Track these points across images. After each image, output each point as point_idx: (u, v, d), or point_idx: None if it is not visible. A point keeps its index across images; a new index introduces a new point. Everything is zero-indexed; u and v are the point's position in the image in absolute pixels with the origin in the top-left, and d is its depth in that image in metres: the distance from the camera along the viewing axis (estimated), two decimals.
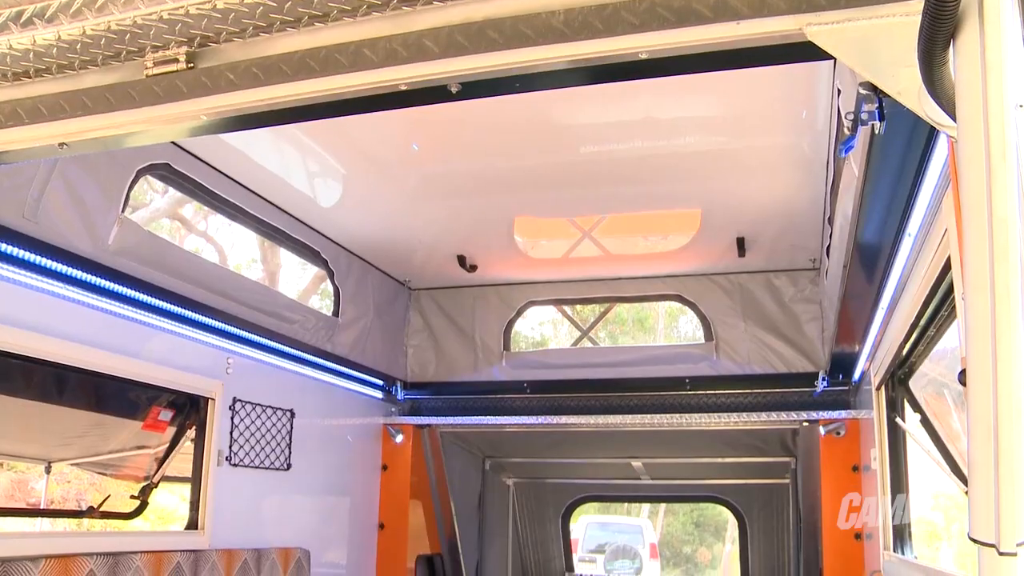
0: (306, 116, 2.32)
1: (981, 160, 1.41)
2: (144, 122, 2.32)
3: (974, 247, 1.41)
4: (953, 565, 5.37)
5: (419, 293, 7.25)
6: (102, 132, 2.37)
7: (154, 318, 4.60)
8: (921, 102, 1.67)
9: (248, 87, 2.18)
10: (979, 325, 1.38)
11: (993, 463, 1.33)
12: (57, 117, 2.30)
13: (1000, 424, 1.34)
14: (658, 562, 16.63)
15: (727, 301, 6.59)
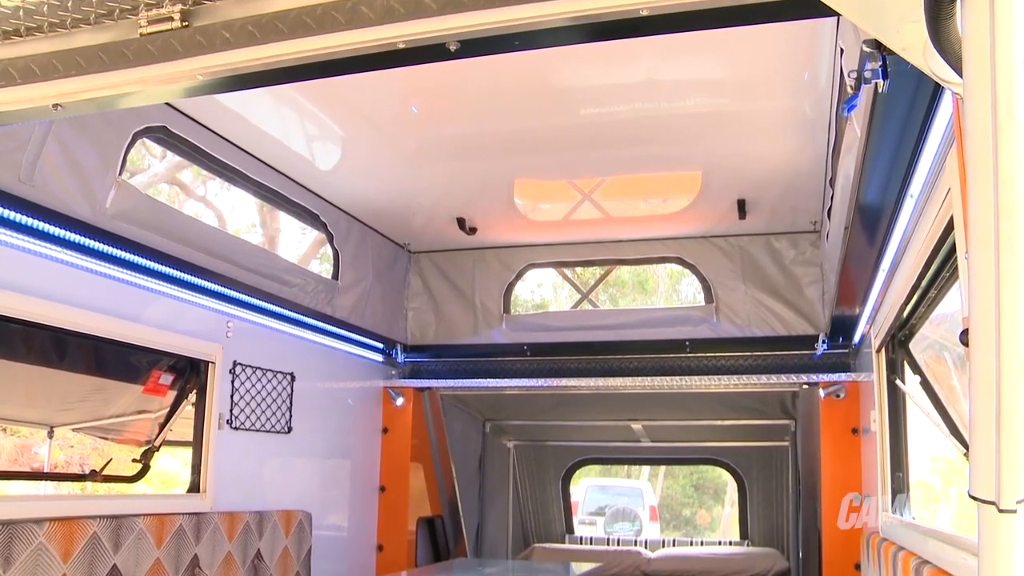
0: (303, 75, 2.29)
1: (987, 116, 1.39)
2: (139, 82, 2.29)
3: (979, 205, 1.39)
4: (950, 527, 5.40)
5: (419, 256, 7.24)
6: (96, 93, 2.34)
7: (153, 282, 4.58)
8: (926, 58, 1.65)
9: (244, 46, 2.15)
10: (982, 283, 1.37)
11: (994, 421, 1.32)
12: (50, 77, 2.27)
13: (1002, 382, 1.33)
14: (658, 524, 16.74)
15: (727, 263, 6.58)
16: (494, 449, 8.75)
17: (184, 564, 4.52)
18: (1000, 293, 1.34)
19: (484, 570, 5.16)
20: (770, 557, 8.24)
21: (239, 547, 4.95)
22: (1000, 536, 1.32)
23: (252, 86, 2.44)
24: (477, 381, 6.84)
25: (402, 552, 6.66)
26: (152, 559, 4.30)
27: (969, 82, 1.44)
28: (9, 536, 3.55)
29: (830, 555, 5.81)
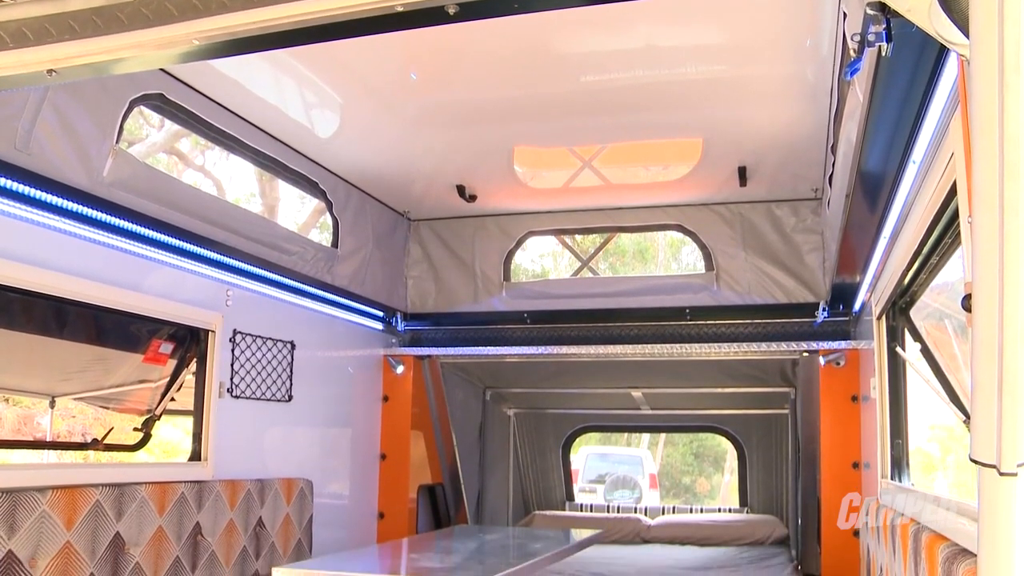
0: (301, 40, 2.26)
1: (994, 76, 1.37)
2: (134, 47, 2.26)
3: (983, 167, 1.38)
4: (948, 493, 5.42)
5: (418, 224, 7.22)
6: (91, 58, 2.31)
7: (152, 251, 4.57)
8: (931, 19, 1.62)
9: (240, 9, 2.12)
10: (986, 246, 1.36)
11: (996, 385, 1.32)
12: (44, 41, 2.24)
13: (1005, 345, 1.32)
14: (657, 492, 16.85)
15: (728, 231, 6.56)
16: (494, 417, 8.77)
17: (186, 532, 4.54)
18: (1004, 256, 1.33)
19: (485, 536, 5.19)
20: (769, 524, 8.30)
21: (241, 515, 4.97)
22: (1000, 499, 1.32)
23: (249, 51, 2.41)
24: (477, 349, 6.84)
25: (403, 519, 6.70)
26: (154, 527, 4.32)
27: (976, 41, 1.42)
28: (12, 504, 3.57)
29: (829, 521, 5.84)
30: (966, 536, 2.29)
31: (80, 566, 3.86)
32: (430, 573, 3.57)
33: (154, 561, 4.31)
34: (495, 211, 6.93)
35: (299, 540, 5.49)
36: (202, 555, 4.66)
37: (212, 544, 4.73)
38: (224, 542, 4.83)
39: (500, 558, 4.20)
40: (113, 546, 4.06)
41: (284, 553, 5.34)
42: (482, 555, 4.42)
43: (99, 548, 3.97)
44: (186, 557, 4.53)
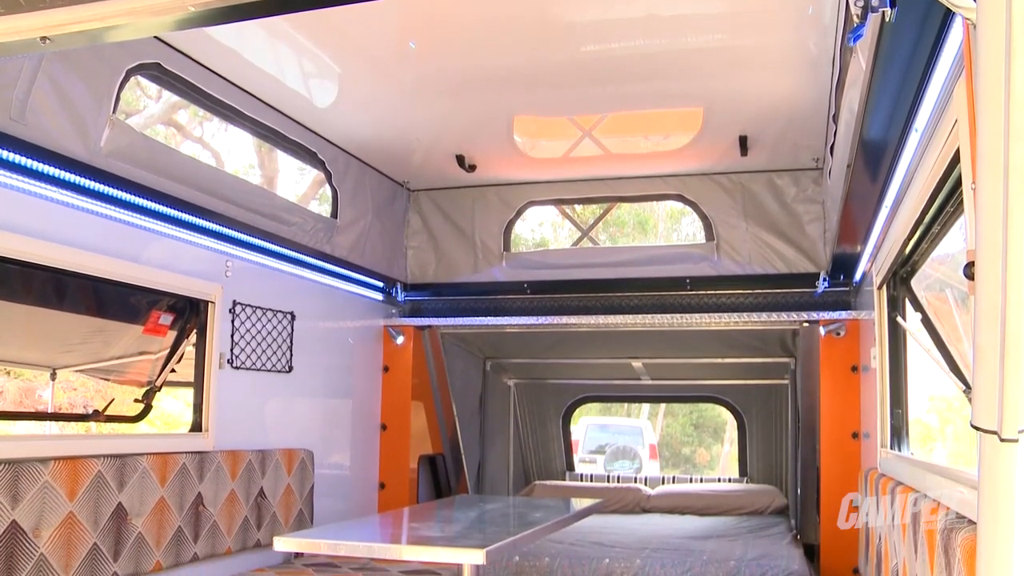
0: (297, 5, 2.24)
1: (1001, 40, 1.35)
2: (128, 14, 2.23)
3: (989, 132, 1.36)
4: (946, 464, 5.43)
5: (418, 194, 7.19)
6: (85, 25, 2.28)
7: (151, 221, 4.55)
8: None
9: None
10: (990, 211, 1.35)
11: (999, 351, 1.31)
12: (36, 7, 2.21)
13: (1008, 311, 1.32)
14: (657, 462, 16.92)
15: (728, 201, 6.54)
16: (495, 387, 8.79)
17: (188, 502, 4.56)
18: (1008, 221, 1.32)
19: (485, 506, 5.21)
20: (769, 494, 8.34)
21: (242, 485, 5.00)
22: (1001, 465, 1.31)
23: (245, 17, 2.38)
24: (477, 319, 6.84)
25: (404, 489, 6.73)
26: (156, 497, 4.34)
27: (983, 5, 1.40)
28: (15, 475, 3.58)
29: (828, 491, 5.86)
30: (965, 505, 2.30)
31: (83, 536, 3.88)
32: (431, 542, 3.59)
33: (156, 531, 4.33)
34: (495, 181, 6.90)
35: (300, 510, 5.52)
36: (204, 525, 4.68)
37: (214, 514, 4.76)
38: (226, 512, 4.85)
39: (500, 527, 4.22)
40: (115, 516, 4.08)
41: (285, 523, 5.37)
42: (483, 524, 4.44)
43: (101, 518, 3.99)
44: (188, 527, 4.56)
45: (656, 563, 5.58)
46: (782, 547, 6.05)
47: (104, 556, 3.99)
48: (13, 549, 3.55)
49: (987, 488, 1.33)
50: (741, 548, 5.99)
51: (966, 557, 1.94)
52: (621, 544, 6.13)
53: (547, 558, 5.69)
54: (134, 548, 4.18)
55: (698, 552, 5.82)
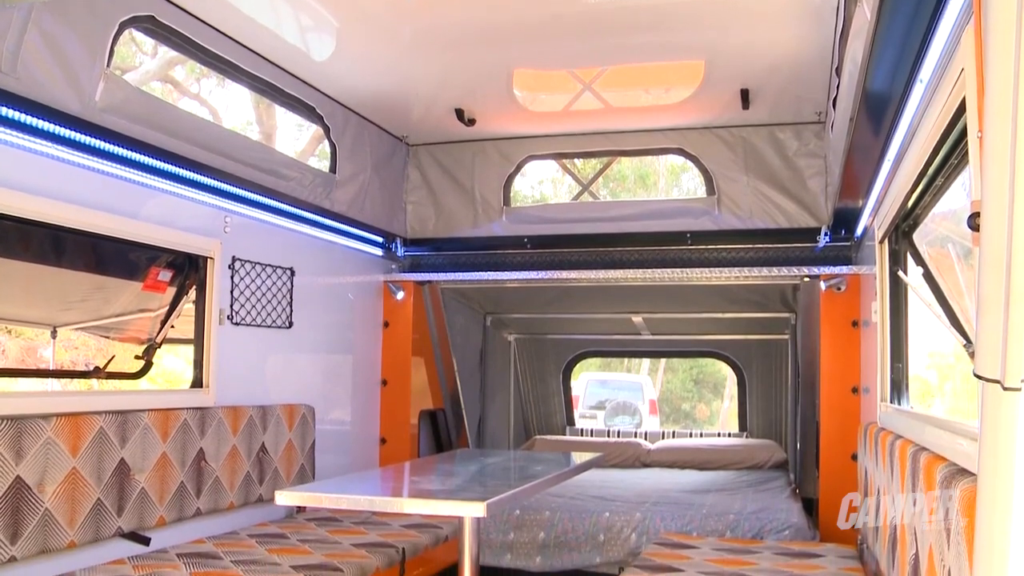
0: None
1: None
2: None
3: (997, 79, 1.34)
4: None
5: (417, 149, 7.14)
6: None
7: (148, 177, 4.52)
8: None
9: None
10: (997, 160, 1.33)
11: (1003, 299, 1.30)
12: None
13: (1013, 258, 1.30)
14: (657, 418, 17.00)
15: (729, 155, 6.50)
16: (495, 342, 8.81)
17: (190, 458, 4.59)
18: (1015, 168, 1.30)
19: (486, 460, 5.24)
20: (768, 448, 8.39)
21: (243, 441, 5.02)
22: (1003, 414, 1.31)
23: None
24: (477, 274, 6.83)
25: (404, 444, 6.77)
26: (158, 453, 4.36)
27: None
28: (18, 431, 3.60)
29: (827, 446, 5.90)
30: (965, 456, 2.30)
31: (87, 491, 3.90)
32: (432, 495, 3.61)
33: (159, 486, 4.36)
34: (494, 135, 6.85)
35: (302, 465, 5.55)
36: (206, 480, 4.71)
37: (216, 470, 4.78)
38: (227, 468, 4.88)
39: (501, 480, 4.24)
40: (118, 472, 4.10)
41: (287, 478, 5.40)
42: (483, 477, 4.46)
43: (104, 474, 4.01)
44: (190, 482, 4.58)
45: (656, 516, 5.63)
46: (781, 501, 6.10)
47: (108, 511, 4.02)
48: (19, 504, 3.57)
49: (988, 437, 1.32)
50: (740, 502, 6.04)
51: (965, 508, 1.95)
52: (621, 498, 6.18)
53: (547, 512, 5.75)
54: (137, 503, 4.20)
55: (698, 505, 5.87)
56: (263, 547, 4.50)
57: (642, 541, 5.47)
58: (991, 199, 1.31)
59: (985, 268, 1.31)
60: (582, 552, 5.58)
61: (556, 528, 5.65)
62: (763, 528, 5.46)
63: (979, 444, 1.34)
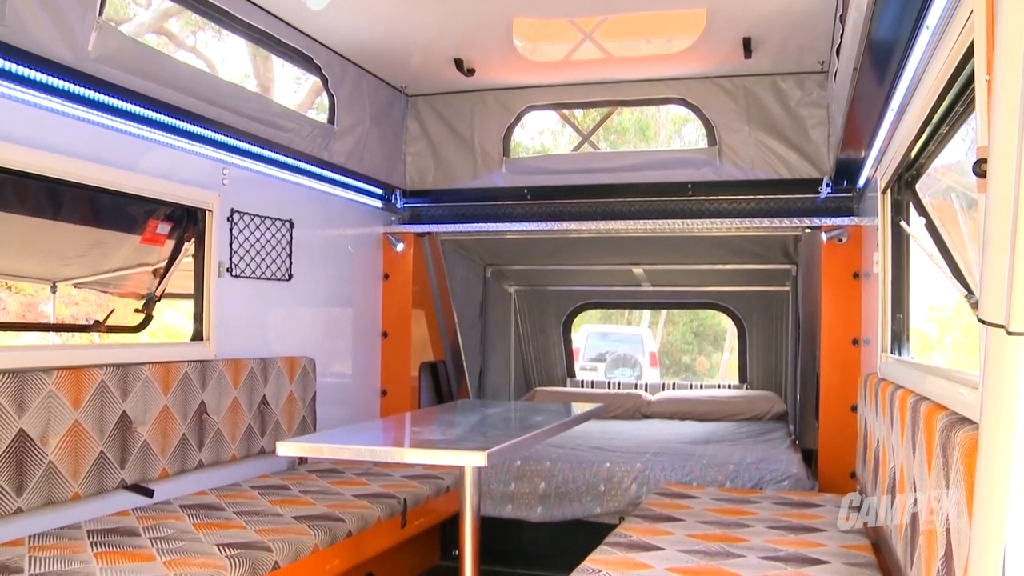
0: None
1: None
2: None
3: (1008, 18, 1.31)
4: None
5: (416, 99, 7.08)
6: None
7: (145, 129, 4.48)
8: None
9: None
10: (1006, 102, 1.30)
11: (1009, 243, 1.28)
12: None
13: (1020, 202, 1.28)
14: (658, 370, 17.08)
15: (731, 105, 6.43)
16: (495, 294, 8.81)
17: (191, 411, 4.60)
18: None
19: (487, 410, 5.25)
20: (768, 400, 8.43)
21: (245, 393, 5.03)
22: (1006, 359, 1.30)
23: None
24: (477, 225, 6.80)
25: (405, 396, 6.79)
26: (160, 406, 4.38)
27: None
28: (20, 384, 3.60)
29: (827, 397, 5.92)
30: (965, 405, 2.30)
31: (90, 444, 3.92)
32: (433, 445, 3.62)
33: (161, 439, 4.38)
34: (494, 85, 6.78)
35: (303, 417, 5.57)
36: (208, 433, 4.73)
37: (217, 422, 4.80)
38: (229, 420, 4.90)
39: (502, 430, 4.26)
40: (120, 424, 4.12)
41: (289, 430, 5.42)
42: (484, 427, 4.48)
43: (107, 427, 4.03)
44: (192, 435, 4.61)
45: (656, 467, 5.67)
46: (781, 451, 6.13)
47: (111, 463, 4.04)
48: (23, 456, 3.59)
49: (991, 382, 1.32)
50: (740, 452, 6.07)
51: (965, 455, 1.95)
52: (621, 449, 6.22)
53: (548, 462, 5.78)
54: (140, 455, 4.23)
55: (698, 456, 5.90)
56: (265, 498, 4.53)
57: (642, 491, 5.51)
58: (999, 142, 1.29)
59: (991, 213, 1.30)
60: (583, 502, 5.62)
61: (557, 478, 5.69)
62: (763, 478, 5.50)
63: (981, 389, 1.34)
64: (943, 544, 2.15)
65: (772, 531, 3.95)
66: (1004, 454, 1.36)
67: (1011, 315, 1.26)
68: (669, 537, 3.81)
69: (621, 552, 3.55)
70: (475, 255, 8.04)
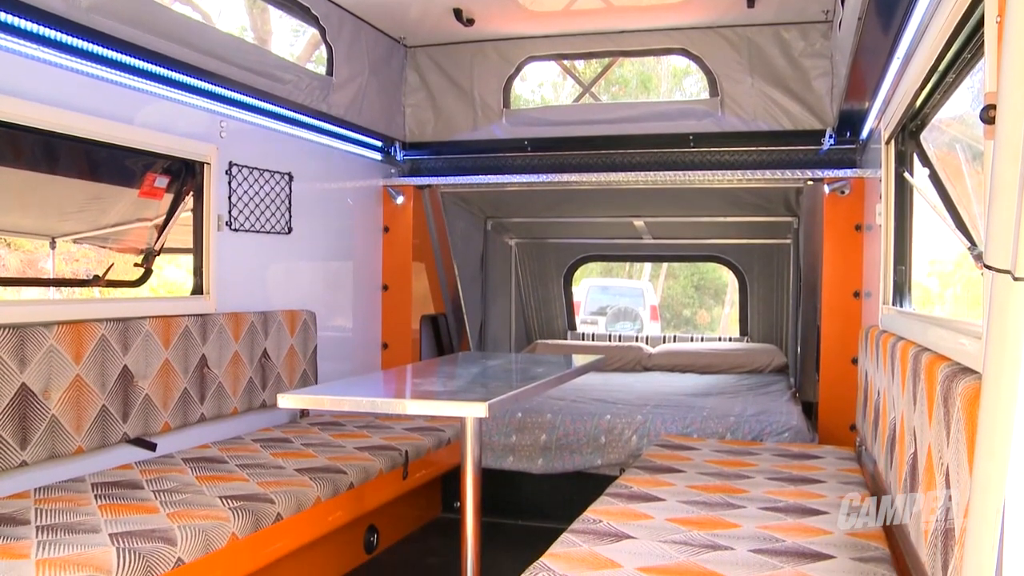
0: None
1: None
2: None
3: None
4: None
5: (415, 51, 7.00)
6: None
7: (141, 81, 4.43)
8: None
9: None
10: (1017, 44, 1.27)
11: (1017, 188, 1.26)
12: None
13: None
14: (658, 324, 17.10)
15: (734, 55, 6.36)
16: (496, 247, 8.79)
17: (192, 364, 4.61)
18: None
19: (487, 362, 5.26)
20: (769, 352, 8.43)
21: (245, 346, 5.04)
22: (1012, 304, 1.28)
23: None
24: (477, 177, 6.76)
25: (406, 349, 6.80)
26: (161, 360, 4.38)
27: None
28: (21, 339, 3.60)
29: (828, 350, 5.92)
30: (967, 355, 2.29)
31: (92, 398, 3.93)
32: (434, 396, 3.63)
33: (163, 393, 4.39)
34: (494, 36, 6.70)
35: (304, 371, 5.58)
36: (209, 387, 4.74)
37: (219, 376, 4.81)
38: (230, 374, 4.91)
39: (503, 381, 4.27)
40: (122, 379, 4.12)
41: (290, 383, 5.44)
42: (485, 379, 4.49)
43: (108, 381, 4.04)
44: (194, 389, 4.62)
45: (657, 419, 5.69)
46: (781, 404, 6.15)
47: (113, 417, 4.06)
48: (26, 411, 3.60)
49: (996, 328, 1.30)
50: (740, 405, 6.09)
51: (966, 405, 1.94)
52: (622, 401, 6.24)
53: (549, 415, 5.80)
54: (142, 409, 4.24)
55: (698, 408, 5.92)
56: (267, 451, 4.55)
57: (643, 443, 5.53)
58: (1009, 85, 1.26)
59: (999, 158, 1.28)
60: (583, 454, 5.65)
61: (558, 431, 5.72)
62: (763, 430, 5.52)
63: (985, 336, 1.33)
64: (943, 494, 2.15)
65: (772, 482, 3.98)
66: (1007, 401, 1.35)
67: (1017, 261, 1.25)
68: (670, 488, 3.84)
69: (622, 503, 3.57)
70: (475, 208, 8.00)
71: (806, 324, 6.61)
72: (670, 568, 2.74)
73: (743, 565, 2.78)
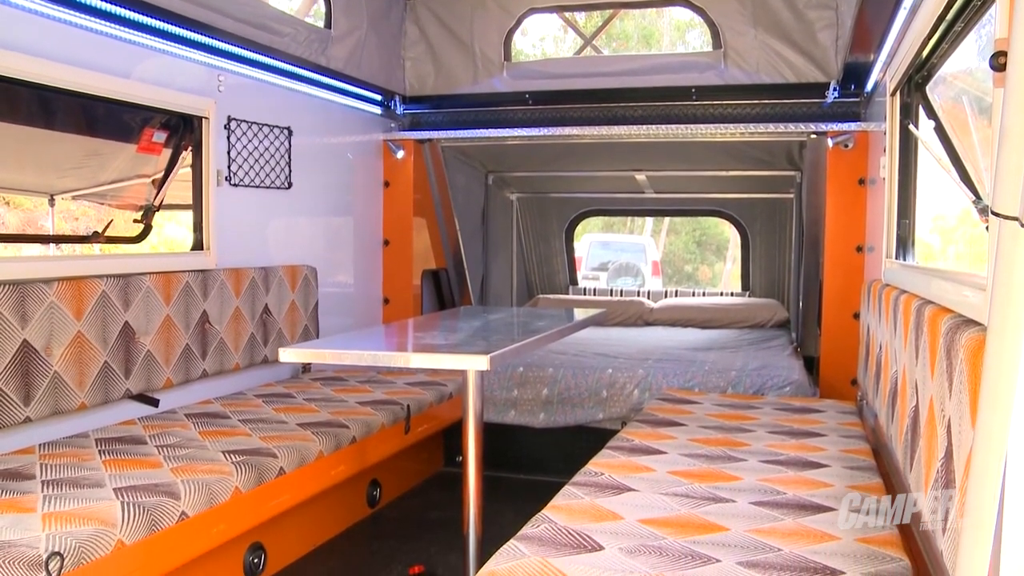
0: None
1: None
2: None
3: None
4: None
5: (414, 2, 6.91)
6: None
7: (137, 35, 4.37)
8: None
9: None
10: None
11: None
12: None
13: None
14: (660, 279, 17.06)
15: (737, 6, 6.27)
16: (497, 201, 8.75)
17: (194, 320, 4.61)
18: None
19: (489, 316, 5.26)
20: (770, 307, 8.44)
21: (247, 302, 5.03)
22: (1019, 252, 1.27)
23: None
24: (478, 131, 6.71)
25: (408, 304, 6.80)
26: (162, 316, 4.38)
27: None
28: (21, 295, 3.60)
29: (830, 305, 5.91)
30: (971, 307, 2.28)
31: (93, 354, 3.93)
32: (435, 349, 3.62)
33: (165, 349, 4.39)
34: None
35: (306, 326, 5.58)
36: (211, 342, 4.75)
37: (220, 331, 4.81)
38: (232, 329, 4.91)
39: (504, 335, 4.26)
40: (123, 335, 4.12)
41: (291, 339, 5.44)
42: (487, 332, 4.48)
43: (110, 337, 4.04)
44: (195, 344, 4.62)
45: (658, 373, 5.70)
46: (782, 358, 6.15)
47: (116, 373, 4.06)
48: (28, 367, 3.61)
49: (1002, 276, 1.29)
50: (742, 359, 6.09)
51: (969, 356, 1.93)
52: (624, 355, 6.24)
53: (551, 369, 5.81)
54: (144, 365, 4.25)
55: (700, 362, 5.93)
56: (269, 406, 4.57)
57: (644, 397, 5.55)
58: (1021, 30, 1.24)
59: (1009, 105, 1.25)
60: (585, 408, 5.67)
61: (559, 385, 5.73)
62: (764, 384, 5.53)
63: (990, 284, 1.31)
64: (943, 446, 2.15)
65: (773, 436, 3.99)
66: (1012, 351, 1.34)
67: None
68: (671, 441, 3.85)
69: (623, 456, 3.58)
70: (476, 162, 7.95)
71: (808, 279, 6.59)
72: (671, 520, 2.75)
73: (744, 517, 2.79)
